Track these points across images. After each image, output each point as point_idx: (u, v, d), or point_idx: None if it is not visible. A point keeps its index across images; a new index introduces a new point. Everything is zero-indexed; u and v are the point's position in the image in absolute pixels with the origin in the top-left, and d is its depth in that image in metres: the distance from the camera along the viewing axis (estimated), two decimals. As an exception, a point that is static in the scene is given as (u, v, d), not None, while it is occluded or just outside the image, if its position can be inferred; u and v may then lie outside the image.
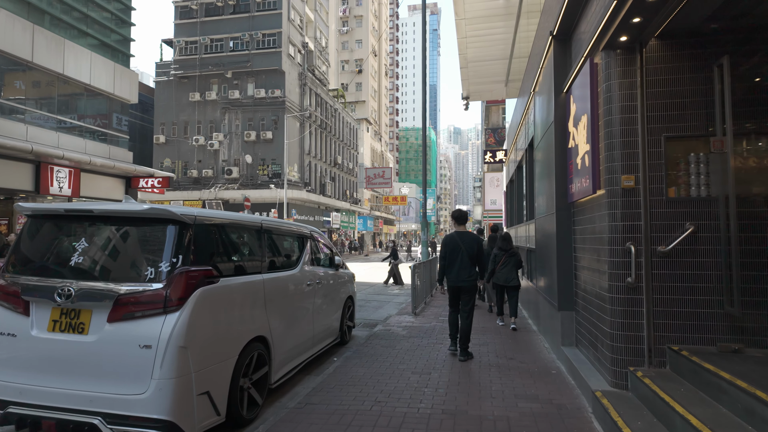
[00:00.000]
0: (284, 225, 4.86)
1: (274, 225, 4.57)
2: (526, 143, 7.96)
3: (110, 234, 3.28)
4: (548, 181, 5.51)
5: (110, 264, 3.20)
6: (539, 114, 6.32)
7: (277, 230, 4.64)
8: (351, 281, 6.84)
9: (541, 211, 6.21)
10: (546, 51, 5.44)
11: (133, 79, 18.12)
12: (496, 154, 13.60)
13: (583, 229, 4.37)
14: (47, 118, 14.75)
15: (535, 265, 6.78)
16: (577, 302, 4.70)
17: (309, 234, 5.40)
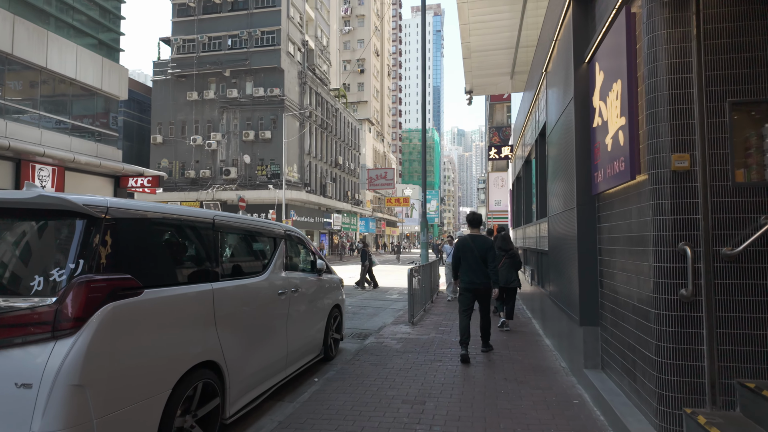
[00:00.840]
0: (248, 222, 4.05)
1: (234, 222, 3.75)
2: (536, 134, 7.13)
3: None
4: (565, 172, 4.68)
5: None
6: (553, 95, 5.49)
7: (238, 228, 3.83)
8: (338, 288, 6.02)
9: (555, 208, 5.37)
10: (562, 17, 4.61)
11: (122, 74, 17.42)
12: (501, 150, 12.78)
13: (614, 227, 3.53)
14: (29, 114, 14.04)
15: (549, 270, 5.93)
16: (603, 316, 3.86)
17: (283, 234, 4.58)
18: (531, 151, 8.02)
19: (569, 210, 4.44)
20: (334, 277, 5.92)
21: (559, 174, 5.07)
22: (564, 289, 4.79)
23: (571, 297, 4.40)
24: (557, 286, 5.25)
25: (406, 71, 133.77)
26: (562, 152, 4.84)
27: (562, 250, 4.89)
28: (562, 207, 4.89)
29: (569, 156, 4.41)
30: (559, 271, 5.14)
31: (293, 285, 4.53)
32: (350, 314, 9.26)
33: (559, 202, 5.06)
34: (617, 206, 3.43)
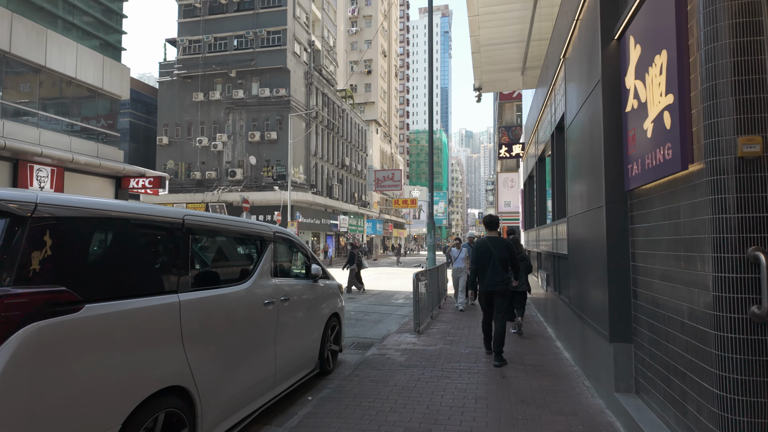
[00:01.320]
0: (228, 223, 3.56)
1: (210, 223, 3.26)
2: (552, 128, 6.59)
3: None
4: (590, 167, 4.14)
5: None
6: (573, 83, 4.96)
7: (214, 230, 3.35)
8: (336, 295, 5.53)
9: (576, 208, 4.84)
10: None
11: (124, 73, 17.13)
12: (512, 148, 12.21)
13: (653, 228, 3.00)
14: (28, 113, 13.76)
15: (568, 277, 5.38)
16: (638, 332, 3.32)
17: (271, 236, 4.09)
18: (546, 147, 7.47)
19: (595, 209, 3.91)
20: (331, 283, 5.42)
21: (582, 170, 4.53)
22: (588, 299, 4.25)
23: (597, 308, 3.87)
24: (579, 294, 4.71)
25: (414, 72, 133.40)
26: (586, 145, 4.30)
27: (586, 254, 4.35)
28: (585, 206, 4.36)
29: (595, 148, 3.87)
30: (581, 277, 4.60)
31: (283, 293, 4.04)
32: (353, 321, 8.76)
33: (582, 201, 4.52)
34: (658, 203, 2.90)
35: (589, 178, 4.17)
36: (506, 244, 5.36)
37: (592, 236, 4.02)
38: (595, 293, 3.93)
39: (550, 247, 6.85)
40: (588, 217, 4.21)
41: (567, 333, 5.60)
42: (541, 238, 8.22)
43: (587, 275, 4.29)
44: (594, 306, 4.01)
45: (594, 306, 4.01)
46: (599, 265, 3.76)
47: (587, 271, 4.29)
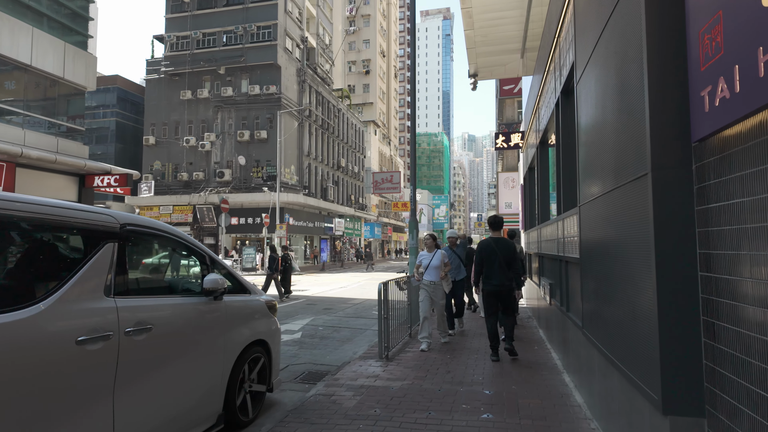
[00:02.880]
0: (10, 205, 2.08)
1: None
2: (556, 95, 5.11)
3: None
4: (619, 118, 2.64)
5: None
6: (587, 15, 3.47)
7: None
8: (262, 315, 4.04)
9: (595, 189, 3.34)
10: None
11: (90, 63, 15.77)
12: (510, 137, 10.73)
13: (749, 208, 1.49)
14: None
15: (582, 291, 3.85)
16: (719, 399, 1.81)
17: (112, 229, 2.60)
18: (549, 123, 5.98)
19: (630, 183, 2.41)
20: (251, 299, 3.93)
21: (602, 131, 3.04)
22: (617, 330, 2.74)
23: (635, 351, 2.36)
24: (600, 319, 3.19)
25: (416, 75, 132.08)
26: (609, 91, 2.81)
27: (612, 258, 2.85)
28: (610, 183, 2.85)
29: (629, 85, 2.38)
30: (603, 295, 3.09)
31: (135, 321, 2.56)
32: (317, 339, 7.27)
33: (604, 176, 3.02)
34: None
35: (616, 138, 2.68)
36: (511, 247, 5.46)
37: (624, 228, 2.52)
38: (631, 325, 2.42)
39: (555, 249, 5.34)
40: (615, 199, 2.71)
41: (579, 365, 4.08)
42: (543, 237, 6.71)
43: (614, 292, 2.79)
44: (628, 345, 2.49)
45: (628, 345, 2.49)
46: (639, 276, 2.26)
47: (614, 286, 2.78)
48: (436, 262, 6.13)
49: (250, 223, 29.91)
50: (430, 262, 6.15)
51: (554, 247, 5.46)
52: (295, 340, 7.13)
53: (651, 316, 2.08)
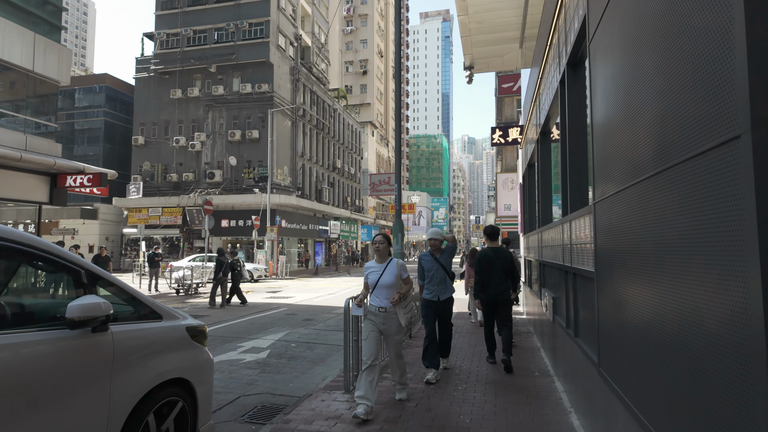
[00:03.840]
0: None
1: None
2: (561, 69, 4.19)
3: None
4: (677, 75, 1.70)
5: None
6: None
7: None
8: (180, 346, 3.10)
9: (621, 180, 2.40)
10: None
11: (63, 55, 14.88)
12: (508, 132, 9.82)
13: None
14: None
15: (597, 315, 2.90)
16: None
17: None
18: (552, 108, 5.06)
19: (696, 158, 1.46)
20: (162, 327, 2.99)
21: (637, 97, 2.10)
22: (661, 390, 1.80)
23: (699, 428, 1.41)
24: (630, 365, 2.25)
25: (415, 77, 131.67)
26: (654, 33, 1.87)
27: (648, 274, 1.91)
28: (650, 166, 1.91)
29: (697, 19, 1.44)
30: (637, 329, 2.15)
31: None
32: (285, 359, 6.34)
33: (637, 161, 2.09)
34: None
35: (664, 103, 1.74)
36: (509, 256, 5.56)
37: (677, 226, 1.58)
38: (694, 390, 1.48)
39: (559, 257, 4.41)
40: (661, 186, 1.77)
41: (591, 409, 3.14)
42: (544, 243, 5.78)
43: (656, 329, 1.85)
44: (684, 417, 1.55)
45: (684, 417, 1.55)
46: (709, 303, 1.33)
47: (657, 320, 1.84)
48: (389, 279, 4.02)
49: (241, 226, 28.97)
50: (380, 278, 4.04)
51: (558, 255, 4.53)
52: (259, 362, 6.19)
53: (743, 383, 1.15)
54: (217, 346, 7.02)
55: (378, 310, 4.01)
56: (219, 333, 8.19)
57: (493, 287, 5.45)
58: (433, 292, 5.12)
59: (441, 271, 5.12)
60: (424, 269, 5.20)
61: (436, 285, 5.11)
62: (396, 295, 3.95)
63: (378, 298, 4.04)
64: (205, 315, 10.47)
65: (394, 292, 4.02)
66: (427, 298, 5.15)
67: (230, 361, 6.18)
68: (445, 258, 5.16)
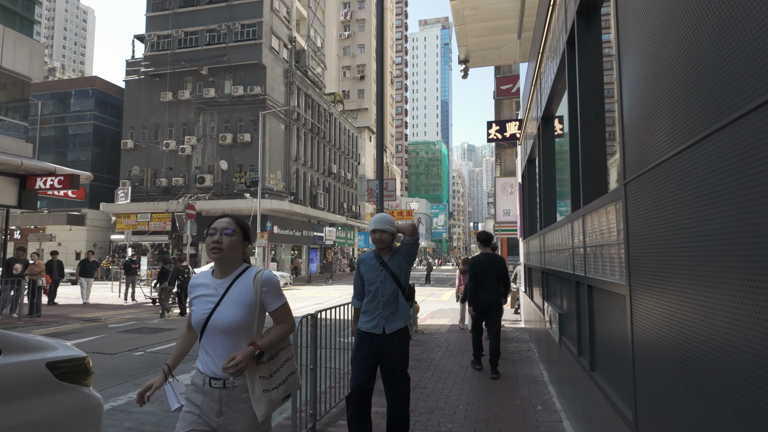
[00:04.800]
0: None
1: None
2: (568, 25, 3.30)
3: None
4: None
5: None
6: None
7: None
8: (37, 390, 2.18)
9: (684, 130, 1.46)
10: None
11: (35, 50, 14.05)
12: (506, 126, 8.94)
13: None
14: None
15: (632, 350, 1.96)
16: None
17: None
18: (557, 80, 4.16)
19: None
20: (6, 363, 2.06)
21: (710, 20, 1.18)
22: None
23: None
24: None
25: (414, 84, 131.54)
26: None
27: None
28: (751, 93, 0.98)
29: None
30: (729, 393, 1.20)
31: None
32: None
33: (711, 92, 1.15)
34: None
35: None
36: (501, 262, 5.60)
37: None
38: None
39: (567, 264, 3.49)
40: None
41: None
42: (547, 247, 4.86)
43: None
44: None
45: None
46: None
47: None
48: (232, 314, 1.84)
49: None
50: (213, 312, 1.85)
51: (566, 262, 3.61)
52: (211, 387, 5.24)
53: None
54: (184, 363, 6.06)
55: (208, 383, 1.81)
56: (178, 350, 7.24)
57: (486, 293, 5.46)
58: (373, 319, 3.06)
59: (390, 283, 3.07)
60: (363, 280, 3.17)
61: (381, 307, 3.05)
62: (240, 355, 1.74)
63: (209, 357, 1.83)
64: (173, 328, 9.51)
65: (244, 341, 1.83)
66: (362, 330, 3.10)
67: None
68: (398, 262, 3.11)
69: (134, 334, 8.80)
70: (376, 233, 3.13)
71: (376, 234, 3.12)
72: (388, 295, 3.09)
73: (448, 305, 13.62)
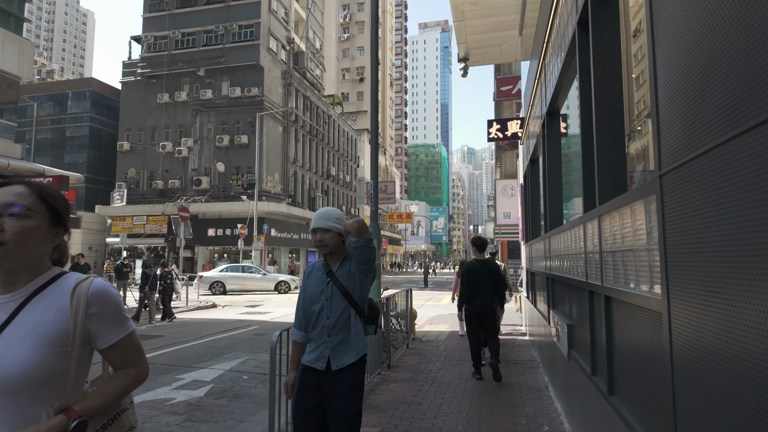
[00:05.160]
0: None
1: None
2: (576, 15, 2.95)
3: None
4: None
5: None
6: None
7: None
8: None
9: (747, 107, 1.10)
10: None
11: (24, 48, 13.74)
12: (507, 125, 8.58)
13: None
14: None
15: (667, 374, 1.60)
16: None
17: None
18: (565, 69, 3.82)
19: None
20: None
21: None
22: None
23: None
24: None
25: (414, 87, 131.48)
26: None
27: None
28: None
29: None
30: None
31: None
32: (227, 399, 5.03)
33: None
34: None
35: None
36: (496, 268, 5.53)
37: None
38: None
39: (578, 272, 3.14)
40: None
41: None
42: (553, 251, 4.51)
43: None
44: None
45: None
46: None
47: None
48: (21, 359, 1.03)
49: (228, 235, 27.68)
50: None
51: (576, 268, 3.26)
52: (192, 403, 4.88)
53: None
54: (150, 380, 5.70)
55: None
56: (162, 360, 6.87)
57: (478, 299, 5.39)
58: (316, 349, 2.28)
59: (339, 301, 2.29)
60: (304, 299, 2.37)
61: (327, 334, 2.27)
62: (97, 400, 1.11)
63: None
64: (160, 335, 9.14)
65: (44, 406, 1.04)
66: (304, 363, 2.31)
67: (153, 402, 4.86)
68: (348, 272, 2.33)
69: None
70: (316, 233, 2.30)
71: (317, 234, 2.29)
72: (335, 316, 2.25)
73: (447, 310, 13.26)
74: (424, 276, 28.24)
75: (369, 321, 2.41)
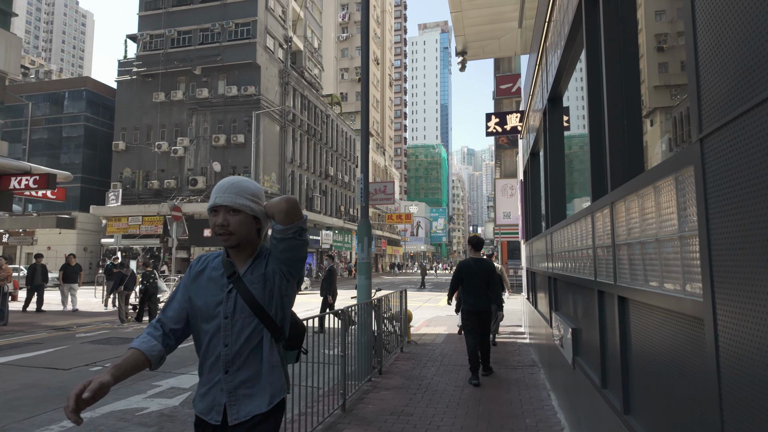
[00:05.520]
0: None
1: None
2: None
3: None
4: None
5: None
6: None
7: None
8: None
9: None
10: None
11: (12, 43, 13.38)
12: (506, 119, 8.22)
13: None
14: None
15: (716, 401, 1.23)
16: None
17: None
18: (569, 48, 3.46)
19: None
20: None
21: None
22: None
23: None
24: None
25: (413, 88, 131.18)
26: None
27: None
28: None
29: None
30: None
31: None
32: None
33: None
34: None
35: None
36: (490, 267, 5.55)
37: None
38: None
39: (585, 270, 2.78)
40: None
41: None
42: (555, 248, 4.14)
43: None
44: None
45: None
46: None
47: None
48: None
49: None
50: None
51: (583, 265, 2.89)
52: (165, 413, 4.50)
53: None
54: (126, 386, 5.33)
55: None
56: (141, 365, 6.50)
57: (473, 297, 5.42)
58: (208, 393, 1.52)
59: (246, 318, 1.52)
60: (185, 309, 1.60)
61: (223, 369, 1.50)
62: None
63: None
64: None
65: None
66: (196, 414, 1.54)
67: (123, 412, 4.49)
68: (262, 277, 1.57)
69: (101, 345, 8.06)
70: (218, 213, 1.55)
71: (219, 215, 1.54)
72: (238, 343, 1.50)
73: (445, 312, 12.88)
74: (421, 277, 27.87)
75: (290, 345, 1.67)
